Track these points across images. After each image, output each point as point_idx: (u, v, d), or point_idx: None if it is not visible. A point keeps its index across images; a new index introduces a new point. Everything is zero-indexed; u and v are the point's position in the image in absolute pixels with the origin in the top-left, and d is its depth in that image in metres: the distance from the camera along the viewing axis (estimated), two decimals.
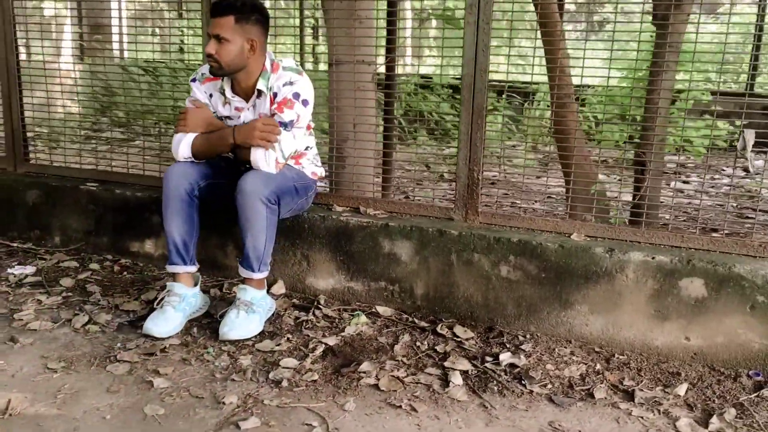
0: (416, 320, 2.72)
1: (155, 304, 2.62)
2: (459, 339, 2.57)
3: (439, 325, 2.65)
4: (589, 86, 5.96)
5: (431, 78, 6.90)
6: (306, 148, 2.81)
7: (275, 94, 2.60)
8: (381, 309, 2.79)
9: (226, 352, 2.43)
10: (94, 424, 1.97)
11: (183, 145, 2.62)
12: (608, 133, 4.42)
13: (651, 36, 3.26)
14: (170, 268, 2.68)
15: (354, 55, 3.08)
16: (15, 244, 3.46)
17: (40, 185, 3.45)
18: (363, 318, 2.71)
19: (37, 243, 3.47)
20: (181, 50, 7.86)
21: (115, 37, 8.40)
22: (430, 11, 3.81)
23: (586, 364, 2.41)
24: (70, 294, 2.89)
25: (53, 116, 3.83)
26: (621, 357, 2.47)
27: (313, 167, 2.83)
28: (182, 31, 8.46)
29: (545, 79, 3.18)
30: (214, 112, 2.73)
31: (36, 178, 3.53)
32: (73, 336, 2.53)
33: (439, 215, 2.87)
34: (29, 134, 3.74)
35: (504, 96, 6.08)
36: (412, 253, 2.76)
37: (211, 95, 2.74)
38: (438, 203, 3.05)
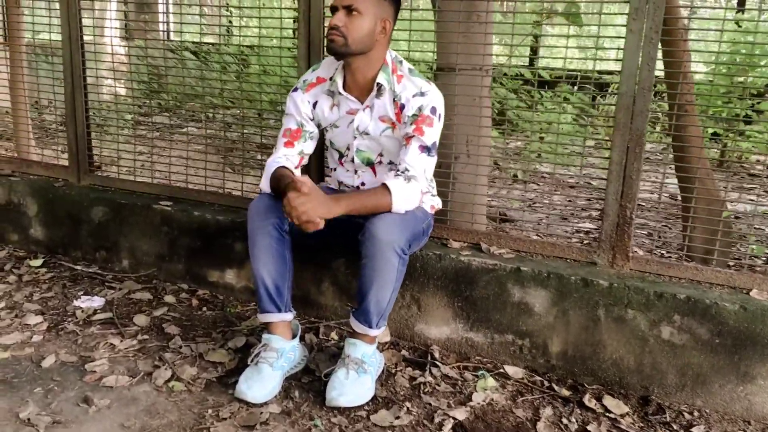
0: (554, 386, 2.29)
1: (249, 360, 2.22)
2: (612, 415, 2.13)
3: (586, 396, 2.21)
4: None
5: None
6: None
7: (402, 106, 2.19)
8: (510, 369, 2.36)
9: (337, 426, 2.03)
10: None
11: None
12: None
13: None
14: (262, 317, 2.28)
15: (471, 63, 2.63)
16: (79, 267, 3.10)
17: (107, 201, 3.08)
18: (490, 381, 2.29)
19: (103, 266, 3.12)
20: (228, 31, 7.45)
21: (161, 17, 8.04)
22: (547, 7, 3.35)
23: None
24: (146, 337, 2.52)
25: (102, 100, 3.42)
26: None
27: (430, 199, 2.40)
28: (230, 11, 8.04)
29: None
30: (318, 124, 2.36)
31: (102, 192, 3.16)
32: (156, 396, 2.15)
33: (578, 257, 2.42)
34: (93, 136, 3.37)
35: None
36: (548, 304, 2.33)
37: (315, 103, 2.34)
38: (577, 243, 2.59)
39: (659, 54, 2.24)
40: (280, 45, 2.88)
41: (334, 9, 2.13)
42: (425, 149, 2.16)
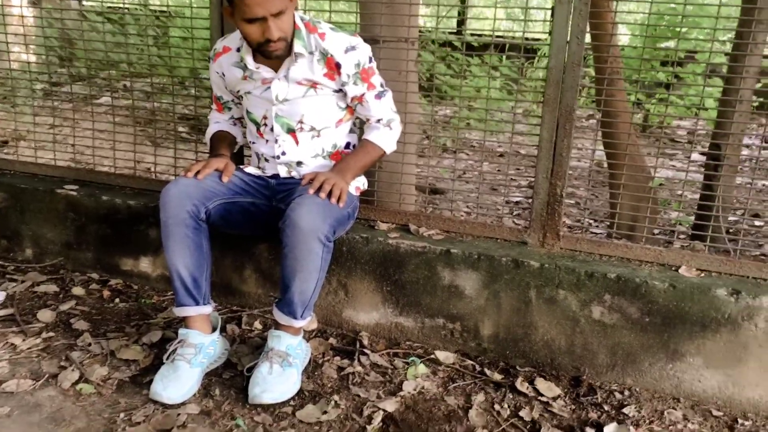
0: (486, 369, 2.23)
1: (165, 357, 2.08)
2: (544, 398, 2.09)
3: (518, 379, 2.17)
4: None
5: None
6: (347, 146, 2.28)
7: (338, 64, 2.09)
8: (441, 354, 2.29)
9: (260, 425, 1.91)
10: None
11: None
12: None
13: None
14: (179, 311, 2.13)
15: (396, 35, 2.50)
16: None
17: (5, 185, 2.83)
18: (421, 367, 2.22)
19: (4, 256, 2.87)
20: None
21: None
22: None
23: None
24: (51, 334, 2.33)
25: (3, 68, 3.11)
26: (746, 423, 2.03)
27: (355, 180, 2.28)
28: None
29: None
30: (233, 91, 2.29)
31: None
32: (62, 401, 1.99)
33: (509, 237, 2.36)
34: None
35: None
36: (479, 287, 2.26)
37: (222, 74, 2.24)
38: (507, 223, 2.53)
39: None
40: (191, 16, 2.67)
41: (259, 20, 1.94)
42: (380, 94, 2.20)
